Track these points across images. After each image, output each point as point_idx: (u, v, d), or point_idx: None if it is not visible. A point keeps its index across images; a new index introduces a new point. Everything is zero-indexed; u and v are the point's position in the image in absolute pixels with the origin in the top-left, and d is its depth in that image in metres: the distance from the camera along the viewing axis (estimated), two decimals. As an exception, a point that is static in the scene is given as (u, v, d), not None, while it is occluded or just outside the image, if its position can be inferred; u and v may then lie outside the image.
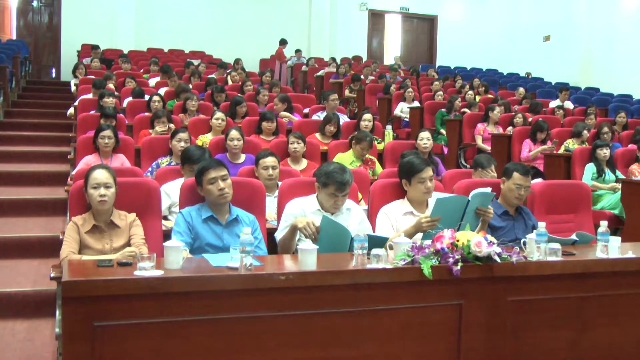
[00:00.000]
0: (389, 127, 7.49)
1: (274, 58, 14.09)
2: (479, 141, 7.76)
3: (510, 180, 3.69)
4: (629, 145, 6.73)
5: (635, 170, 5.80)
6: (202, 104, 7.24)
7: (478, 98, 10.01)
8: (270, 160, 4.19)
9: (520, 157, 7.02)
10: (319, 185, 3.31)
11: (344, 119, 7.43)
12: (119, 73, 9.47)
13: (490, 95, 10.63)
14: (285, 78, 13.64)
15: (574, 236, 3.24)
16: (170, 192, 4.02)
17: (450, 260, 2.53)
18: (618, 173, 5.93)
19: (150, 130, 6.02)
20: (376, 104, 10.02)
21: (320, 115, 7.23)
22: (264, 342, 2.39)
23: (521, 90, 11.11)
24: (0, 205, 5.55)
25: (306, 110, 7.99)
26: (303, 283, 2.43)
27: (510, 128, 7.88)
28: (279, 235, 3.30)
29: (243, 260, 2.39)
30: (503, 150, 7.25)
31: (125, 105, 7.43)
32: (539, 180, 4.91)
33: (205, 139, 5.79)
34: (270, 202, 3.90)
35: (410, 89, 9.55)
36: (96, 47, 11.74)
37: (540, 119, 7.36)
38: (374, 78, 11.43)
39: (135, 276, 2.28)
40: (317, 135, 6.34)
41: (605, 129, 6.92)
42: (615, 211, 5.46)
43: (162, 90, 8.07)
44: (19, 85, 10.65)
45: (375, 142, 6.19)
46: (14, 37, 13.31)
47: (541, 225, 2.79)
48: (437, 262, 2.55)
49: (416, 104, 9.45)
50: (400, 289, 2.54)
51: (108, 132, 5.08)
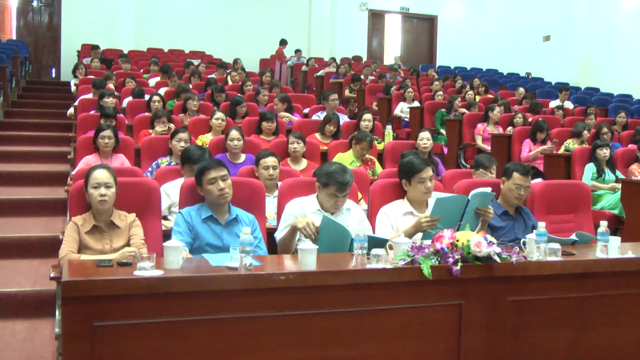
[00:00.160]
0: (389, 127, 7.49)
1: (274, 58, 14.09)
2: (479, 141, 7.76)
3: (510, 180, 3.69)
4: (629, 145, 6.73)
5: (635, 170, 5.80)
6: (202, 104, 7.24)
7: (478, 98, 10.01)
8: (271, 160, 4.19)
9: (520, 157, 7.02)
10: (319, 185, 3.31)
11: (344, 119, 7.43)
12: (119, 73, 9.47)
13: (490, 95, 10.62)
14: (285, 78, 13.64)
15: (573, 236, 3.24)
16: (170, 192, 4.02)
17: (450, 260, 2.53)
18: (618, 173, 5.93)
19: (150, 130, 6.02)
20: (373, 104, 10.00)
21: (320, 115, 7.23)
22: (264, 342, 2.39)
23: (521, 90, 11.11)
24: (0, 205, 5.55)
25: (306, 110, 7.99)
26: (303, 283, 2.43)
27: (510, 128, 7.88)
28: (278, 235, 3.30)
29: (243, 260, 2.39)
30: (503, 150, 7.25)
31: (125, 105, 7.43)
32: (538, 180, 4.91)
33: (205, 139, 5.79)
34: (270, 202, 3.90)
35: (410, 89, 9.55)
36: (96, 47, 11.74)
37: (540, 119, 7.36)
38: (374, 78, 11.42)
39: (135, 276, 2.28)
40: (317, 135, 6.34)
41: (605, 129, 6.92)
42: (615, 211, 5.46)
43: (162, 90, 8.07)
44: (19, 85, 10.65)
45: (375, 142, 6.19)
46: (14, 37, 13.31)
47: (541, 225, 2.79)
48: (437, 262, 2.55)
49: (416, 104, 9.45)
50: (400, 289, 2.55)
51: (108, 132, 5.08)
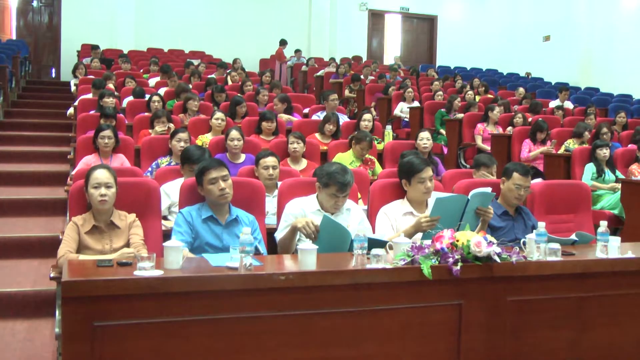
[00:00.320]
0: (388, 127, 7.49)
1: (274, 58, 14.09)
2: (479, 141, 7.76)
3: (510, 180, 3.69)
4: (629, 145, 6.73)
5: (635, 170, 5.80)
6: (202, 104, 7.24)
7: (478, 98, 10.01)
8: (271, 160, 4.19)
9: (520, 157, 7.02)
10: (319, 185, 3.31)
11: (344, 119, 7.43)
12: (119, 73, 9.46)
13: (490, 95, 10.62)
14: (285, 78, 13.64)
15: (573, 236, 3.24)
16: (170, 192, 4.02)
17: (450, 260, 2.53)
18: (618, 173, 5.93)
19: (150, 130, 6.02)
20: (371, 104, 10.00)
21: (320, 116, 7.22)
22: (264, 342, 2.39)
23: (521, 90, 11.10)
24: (0, 205, 5.55)
25: (306, 110, 7.98)
26: (303, 283, 2.43)
27: (510, 128, 7.88)
28: (278, 236, 3.30)
29: (243, 260, 2.39)
30: (503, 150, 7.25)
31: (125, 105, 7.43)
32: (538, 180, 4.91)
33: (205, 139, 5.79)
34: (270, 202, 3.90)
35: (410, 89, 9.55)
36: (96, 47, 11.74)
37: (540, 119, 7.36)
38: (373, 78, 11.42)
39: (135, 276, 2.28)
40: (317, 135, 6.34)
41: (604, 129, 6.92)
42: (615, 211, 5.46)
43: (162, 90, 8.07)
44: (19, 85, 10.65)
45: (375, 142, 6.19)
46: (14, 37, 13.31)
47: (541, 225, 2.79)
48: (437, 262, 2.55)
49: (416, 104, 9.45)
50: (400, 289, 2.55)
51: (108, 132, 5.08)
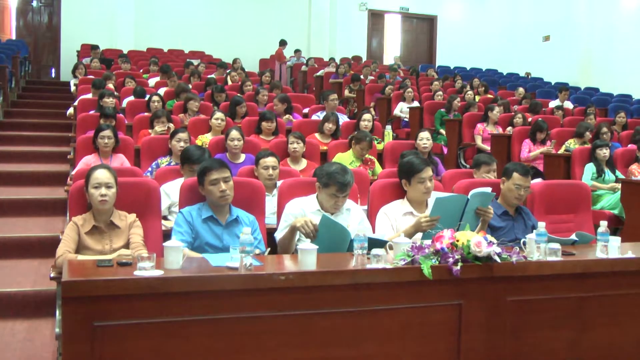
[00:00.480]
0: (388, 127, 7.49)
1: (274, 58, 14.08)
2: (479, 141, 7.76)
3: (510, 180, 3.69)
4: (629, 145, 6.73)
5: (635, 170, 5.80)
6: (202, 104, 7.24)
7: (478, 98, 10.01)
8: (271, 160, 4.19)
9: (519, 157, 7.02)
10: (319, 185, 3.30)
11: (344, 119, 7.43)
12: (119, 73, 9.47)
13: (490, 95, 10.62)
14: (285, 78, 13.64)
15: (573, 236, 3.24)
16: (170, 192, 4.02)
17: (450, 260, 2.53)
18: (618, 173, 5.93)
19: (149, 130, 6.02)
20: (371, 104, 10.00)
21: (320, 116, 7.22)
22: (264, 342, 2.39)
23: (521, 90, 11.10)
24: (0, 205, 5.55)
25: (306, 110, 7.98)
26: (303, 283, 2.42)
27: (510, 128, 7.88)
28: (278, 235, 3.30)
29: (243, 260, 2.39)
30: (503, 150, 7.25)
31: (125, 105, 7.43)
32: (538, 180, 4.91)
33: (204, 139, 5.79)
34: (269, 202, 3.89)
35: (409, 89, 9.56)
36: (96, 47, 11.74)
37: (539, 119, 7.36)
38: (373, 78, 11.43)
39: (135, 276, 2.28)
40: (317, 135, 6.34)
41: (604, 129, 6.92)
42: (615, 211, 5.46)
43: (162, 90, 8.07)
44: (19, 85, 10.65)
45: (375, 142, 6.19)
46: (14, 37, 13.31)
47: (541, 225, 2.79)
48: (437, 262, 2.55)
49: (416, 104, 9.45)
50: (400, 289, 2.54)
51: (108, 132, 5.08)
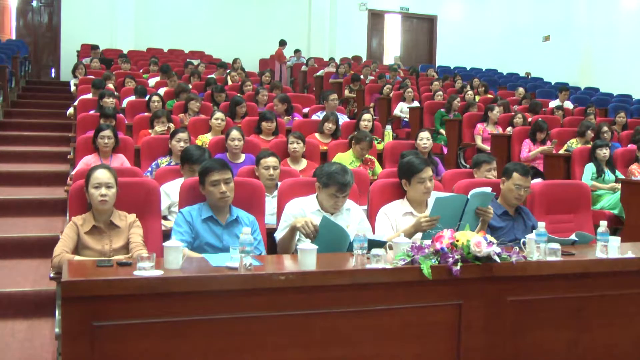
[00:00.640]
0: (388, 127, 7.49)
1: (274, 59, 14.08)
2: (479, 141, 7.76)
3: (510, 180, 3.69)
4: (629, 145, 6.72)
5: (635, 170, 5.80)
6: (202, 104, 7.24)
7: (478, 98, 10.01)
8: (272, 161, 4.19)
9: (519, 157, 7.02)
10: (319, 185, 3.30)
11: (344, 119, 7.43)
12: (119, 73, 9.47)
13: (489, 95, 10.63)
14: (285, 78, 13.64)
15: (573, 236, 3.24)
16: (170, 192, 4.03)
17: (450, 260, 2.53)
18: (618, 173, 5.93)
19: (149, 130, 6.02)
20: (371, 103, 10.00)
21: (320, 116, 7.22)
22: (263, 342, 2.39)
23: (521, 90, 11.10)
24: (0, 205, 5.55)
25: (306, 110, 7.98)
26: (303, 283, 2.42)
27: (510, 128, 7.88)
28: (278, 236, 3.30)
29: (243, 261, 2.39)
30: (503, 150, 7.25)
31: (125, 105, 7.43)
32: (538, 180, 4.91)
33: (204, 139, 5.79)
34: (270, 202, 3.90)
35: (409, 89, 9.56)
36: (96, 47, 11.74)
37: (539, 119, 7.35)
38: (373, 78, 11.43)
39: (135, 276, 2.28)
40: (317, 135, 6.34)
41: (605, 128, 6.92)
42: (615, 211, 5.46)
43: (162, 90, 8.07)
44: (19, 85, 10.65)
45: (375, 142, 6.19)
46: (14, 37, 13.31)
47: (541, 225, 2.79)
48: (437, 262, 2.55)
49: (416, 104, 9.45)
50: (400, 289, 2.54)
51: (108, 132, 5.08)
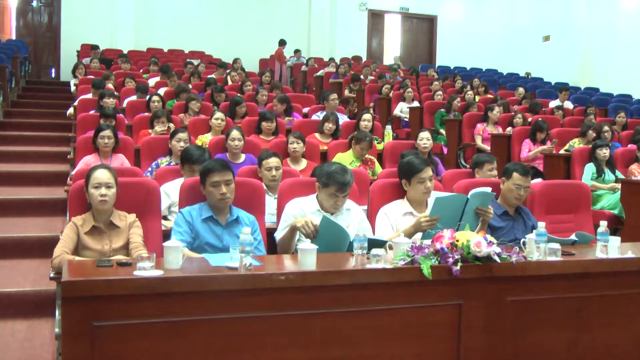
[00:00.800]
0: (388, 127, 7.49)
1: (274, 58, 14.08)
2: (479, 141, 7.76)
3: (509, 180, 3.69)
4: (629, 145, 6.73)
5: (635, 170, 5.80)
6: (202, 104, 7.24)
7: (478, 98, 10.01)
8: (274, 161, 4.20)
9: (519, 157, 7.02)
10: (319, 185, 3.30)
11: (344, 119, 7.43)
12: (119, 73, 9.47)
13: (489, 95, 10.63)
14: (285, 78, 13.64)
15: (573, 236, 3.24)
16: (170, 192, 4.02)
17: (450, 260, 2.53)
18: (618, 173, 5.93)
19: (149, 130, 6.02)
20: (370, 103, 10.00)
21: (320, 116, 7.22)
22: (263, 342, 2.39)
23: (521, 90, 11.10)
24: (0, 205, 5.55)
25: (306, 110, 7.98)
26: (303, 283, 2.42)
27: (510, 128, 7.88)
28: (278, 236, 3.30)
29: (243, 260, 2.39)
30: (503, 150, 7.25)
31: (125, 105, 7.43)
32: (538, 180, 4.91)
33: (204, 139, 5.79)
34: (272, 203, 3.89)
35: (409, 89, 9.56)
36: (96, 47, 11.74)
37: (539, 119, 7.36)
38: (373, 78, 11.43)
39: (135, 276, 2.28)
40: (317, 135, 6.34)
41: (606, 128, 6.92)
42: (615, 211, 5.46)
43: (162, 90, 8.07)
44: (19, 85, 10.65)
45: (375, 142, 6.19)
46: (14, 37, 13.31)
47: (541, 225, 2.79)
48: (437, 262, 2.55)
49: (416, 104, 9.45)
50: (400, 289, 2.54)
51: (108, 132, 5.08)
